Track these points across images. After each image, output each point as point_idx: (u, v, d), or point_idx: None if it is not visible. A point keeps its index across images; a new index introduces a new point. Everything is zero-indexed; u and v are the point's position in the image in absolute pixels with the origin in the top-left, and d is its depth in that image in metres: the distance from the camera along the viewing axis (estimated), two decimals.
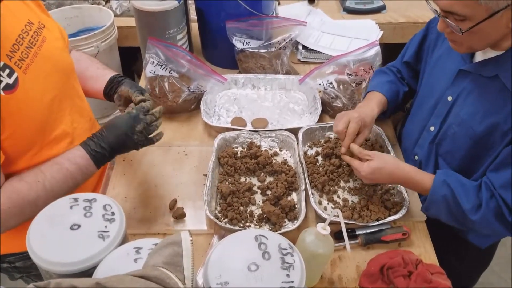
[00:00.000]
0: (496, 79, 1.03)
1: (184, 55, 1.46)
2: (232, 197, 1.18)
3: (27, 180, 0.95)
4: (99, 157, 1.02)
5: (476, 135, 1.07)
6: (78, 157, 1.01)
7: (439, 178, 1.06)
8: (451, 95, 1.12)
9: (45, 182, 0.96)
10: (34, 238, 0.75)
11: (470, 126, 1.07)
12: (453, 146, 1.13)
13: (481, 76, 1.06)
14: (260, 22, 1.57)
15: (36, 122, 0.98)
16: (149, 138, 1.06)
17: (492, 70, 1.03)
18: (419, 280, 0.97)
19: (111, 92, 1.19)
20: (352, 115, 1.19)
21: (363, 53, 1.45)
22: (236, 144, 1.35)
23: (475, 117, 1.06)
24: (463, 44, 1.01)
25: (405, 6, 2.02)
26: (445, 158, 1.17)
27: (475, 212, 1.02)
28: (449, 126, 1.13)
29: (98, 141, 1.02)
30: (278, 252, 0.73)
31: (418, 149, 1.24)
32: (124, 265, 0.71)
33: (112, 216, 0.78)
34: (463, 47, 1.03)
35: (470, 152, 1.10)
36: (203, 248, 1.10)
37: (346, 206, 1.18)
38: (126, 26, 1.94)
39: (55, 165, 0.99)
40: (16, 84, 0.91)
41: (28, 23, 1.00)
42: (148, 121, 1.05)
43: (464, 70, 1.09)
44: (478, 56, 1.08)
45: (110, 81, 1.20)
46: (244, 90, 1.59)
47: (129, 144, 1.04)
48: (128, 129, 1.02)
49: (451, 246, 1.30)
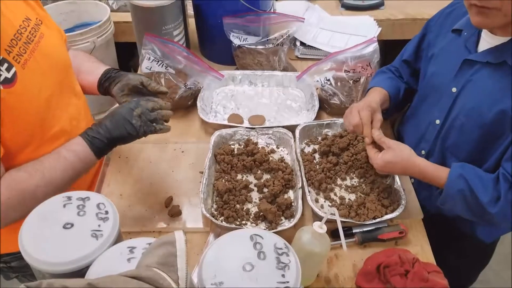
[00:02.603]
0: (503, 65, 1.02)
1: (181, 51, 1.45)
2: (228, 194, 1.17)
3: (26, 169, 0.94)
4: (97, 143, 0.99)
5: (485, 124, 1.06)
6: (74, 144, 0.99)
7: (455, 172, 1.05)
8: (456, 87, 1.12)
9: (44, 171, 0.95)
10: (26, 237, 0.74)
11: (479, 115, 1.06)
12: (461, 137, 1.13)
13: (487, 64, 1.05)
14: (258, 18, 1.56)
15: (35, 117, 0.98)
16: (149, 124, 1.02)
17: (500, 57, 1.03)
18: (415, 278, 0.97)
19: (107, 84, 1.16)
20: (358, 105, 1.20)
21: (361, 50, 1.44)
22: (232, 141, 1.34)
23: (483, 105, 1.06)
24: (501, 9, 0.94)
25: (403, 2, 2.01)
26: (452, 151, 1.16)
27: (494, 205, 1.01)
28: (456, 117, 1.12)
29: (96, 128, 1.00)
30: (273, 252, 0.72)
31: (425, 143, 1.23)
32: (118, 264, 0.70)
33: (106, 215, 0.77)
34: (499, 16, 0.95)
35: (479, 142, 1.10)
36: (199, 246, 1.10)
37: (343, 204, 1.17)
38: (123, 21, 1.93)
39: (54, 155, 0.98)
40: (15, 78, 0.91)
41: (26, 19, 0.99)
42: (148, 107, 1.02)
43: (469, 59, 1.08)
44: (482, 46, 1.08)
45: (105, 73, 1.17)
46: (241, 87, 1.58)
47: (128, 130, 1.00)
48: (126, 113, 1.00)
49: (452, 243, 1.30)
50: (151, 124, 1.03)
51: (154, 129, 1.03)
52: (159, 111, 1.04)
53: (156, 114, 1.03)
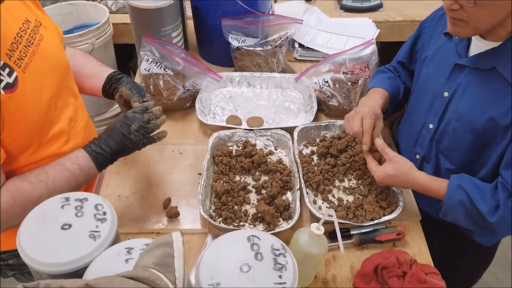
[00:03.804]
0: (493, 71, 1.02)
1: (179, 53, 1.45)
2: (226, 196, 1.17)
3: (30, 179, 0.95)
4: (101, 158, 1.02)
5: (477, 129, 1.06)
6: (80, 158, 1.01)
7: (453, 183, 1.05)
8: (447, 91, 1.12)
9: (48, 182, 0.96)
10: (24, 237, 0.74)
11: (470, 121, 1.07)
12: (454, 142, 1.13)
13: (477, 69, 1.05)
14: (256, 20, 1.56)
15: (35, 121, 0.98)
16: (148, 136, 1.05)
17: (489, 63, 1.03)
18: (413, 280, 0.97)
19: (110, 90, 1.19)
20: (363, 111, 1.19)
21: (359, 52, 1.45)
22: (231, 143, 1.35)
23: (474, 111, 1.06)
24: (469, 22, 0.96)
25: (402, 4, 2.01)
26: (446, 155, 1.16)
27: (493, 214, 1.01)
28: (448, 122, 1.12)
29: (99, 143, 1.02)
30: (270, 253, 0.72)
31: (419, 148, 1.23)
32: (115, 265, 0.70)
33: (104, 216, 0.78)
34: (467, 28, 0.98)
35: (472, 147, 1.10)
36: (197, 247, 1.10)
37: (341, 206, 1.18)
38: (122, 23, 1.94)
39: (58, 166, 0.99)
40: (16, 83, 0.91)
41: (26, 21, 0.99)
42: (144, 120, 1.04)
43: (459, 64, 1.08)
44: (473, 50, 1.07)
45: (109, 78, 1.19)
46: (240, 88, 1.58)
47: (128, 145, 1.03)
48: (124, 130, 1.02)
49: (455, 244, 1.30)
50: (150, 137, 1.05)
51: (153, 141, 1.06)
52: (155, 121, 1.06)
53: (152, 125, 1.05)
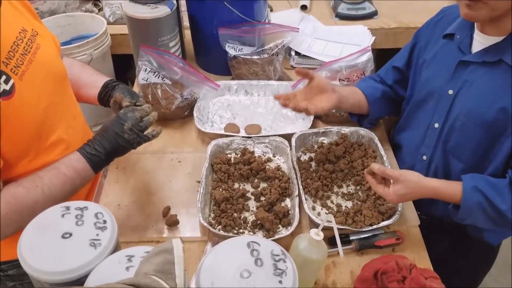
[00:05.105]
0: (500, 64, 1.04)
1: (177, 62, 1.46)
2: (225, 203, 1.17)
3: (25, 185, 0.95)
4: (95, 160, 1.01)
5: (486, 123, 1.07)
6: (74, 161, 1.00)
7: (468, 185, 1.04)
8: (452, 89, 1.13)
9: (43, 187, 0.95)
10: (25, 246, 0.74)
11: (479, 114, 1.07)
12: (462, 138, 1.13)
13: (482, 64, 1.07)
14: (253, 28, 1.58)
15: (32, 129, 0.98)
16: (142, 135, 1.05)
17: (495, 55, 1.05)
18: (413, 284, 0.97)
19: (106, 98, 1.20)
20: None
21: (355, 59, 1.46)
22: (229, 151, 1.35)
23: (483, 104, 1.07)
24: (488, 2, 0.96)
25: (397, 11, 2.03)
26: (454, 153, 1.16)
27: None
28: (456, 118, 1.13)
29: (93, 144, 1.02)
30: (270, 258, 0.72)
31: (425, 148, 1.23)
32: (116, 273, 0.70)
33: (104, 224, 0.78)
34: (485, 9, 0.98)
35: (481, 142, 1.10)
36: (197, 255, 1.10)
37: (340, 212, 1.18)
38: (120, 34, 1.95)
39: (53, 170, 0.99)
40: (13, 90, 0.91)
41: (22, 30, 1.00)
42: (137, 117, 1.04)
43: (463, 61, 1.10)
44: (476, 47, 1.10)
45: (104, 86, 1.20)
46: (237, 97, 1.59)
47: (122, 144, 1.03)
48: (117, 129, 1.02)
49: (458, 246, 1.30)
50: (144, 135, 1.05)
51: (147, 139, 1.06)
52: (147, 118, 1.06)
53: (145, 123, 1.06)
